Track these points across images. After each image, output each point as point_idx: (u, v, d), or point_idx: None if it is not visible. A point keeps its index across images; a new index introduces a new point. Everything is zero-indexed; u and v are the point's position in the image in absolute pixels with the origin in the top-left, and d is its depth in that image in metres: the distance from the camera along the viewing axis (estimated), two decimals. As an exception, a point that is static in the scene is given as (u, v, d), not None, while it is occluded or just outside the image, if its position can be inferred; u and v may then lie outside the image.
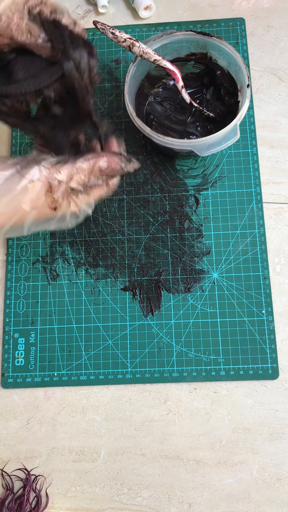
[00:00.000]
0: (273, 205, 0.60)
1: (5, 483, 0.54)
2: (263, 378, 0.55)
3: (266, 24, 0.66)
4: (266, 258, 0.57)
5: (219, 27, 0.65)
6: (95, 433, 0.55)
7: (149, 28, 0.66)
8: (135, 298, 0.58)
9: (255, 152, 0.61)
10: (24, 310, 0.58)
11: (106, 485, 0.53)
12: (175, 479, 0.53)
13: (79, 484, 0.54)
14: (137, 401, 0.56)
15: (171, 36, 0.57)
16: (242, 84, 0.55)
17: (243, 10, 0.67)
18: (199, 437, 0.54)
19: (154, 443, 0.54)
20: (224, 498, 0.52)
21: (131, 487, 0.53)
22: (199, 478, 0.53)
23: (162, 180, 0.61)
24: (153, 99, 0.62)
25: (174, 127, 0.61)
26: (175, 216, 0.60)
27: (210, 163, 0.61)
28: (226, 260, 0.58)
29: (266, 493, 0.52)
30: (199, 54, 0.59)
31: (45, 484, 0.54)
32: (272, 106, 0.63)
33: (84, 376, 0.56)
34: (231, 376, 0.55)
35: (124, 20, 0.68)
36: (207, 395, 0.55)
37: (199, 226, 0.59)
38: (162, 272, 0.58)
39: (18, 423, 0.56)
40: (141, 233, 0.59)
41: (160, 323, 0.57)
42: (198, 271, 0.58)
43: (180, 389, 0.56)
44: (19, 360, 0.57)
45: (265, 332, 0.56)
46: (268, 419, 0.54)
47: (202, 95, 0.61)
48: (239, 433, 0.54)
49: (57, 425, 0.55)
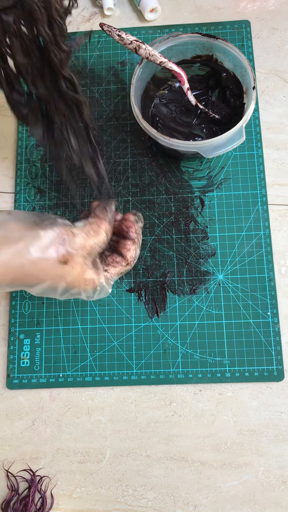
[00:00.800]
0: (279, 207, 0.60)
1: (10, 484, 0.54)
2: (269, 380, 0.55)
3: (272, 26, 0.66)
4: (271, 260, 0.57)
5: (225, 29, 0.65)
6: (100, 434, 0.55)
7: (154, 30, 0.67)
8: (140, 300, 0.58)
9: (260, 154, 0.61)
10: (30, 311, 0.58)
11: (111, 486, 0.53)
12: (180, 480, 0.53)
13: (84, 485, 0.54)
14: (142, 402, 0.56)
15: (177, 38, 0.57)
16: (247, 86, 0.55)
17: (248, 12, 0.67)
18: (204, 439, 0.54)
19: (159, 444, 0.54)
20: (229, 500, 0.52)
21: (136, 488, 0.53)
22: (204, 480, 0.53)
23: (167, 182, 0.61)
24: (158, 101, 0.62)
25: (180, 129, 0.61)
26: (181, 218, 0.60)
27: (215, 165, 0.61)
28: (232, 262, 0.58)
29: (272, 495, 0.52)
30: (205, 56, 0.59)
31: (50, 485, 0.54)
32: (277, 108, 0.63)
33: (89, 377, 0.56)
34: (236, 378, 0.55)
35: (130, 22, 0.68)
36: (212, 396, 0.55)
37: (205, 227, 0.59)
38: (168, 274, 0.58)
39: (24, 424, 0.56)
40: (146, 235, 0.59)
41: (166, 325, 0.57)
42: (204, 273, 0.58)
43: (185, 391, 0.56)
44: (24, 361, 0.57)
45: (270, 334, 0.56)
46: (274, 421, 0.54)
47: (208, 97, 0.62)
48: (244, 435, 0.54)
49: (62, 426, 0.56)
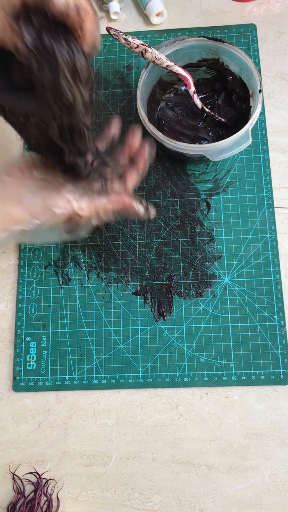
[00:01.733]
0: (285, 210, 0.59)
1: (17, 486, 0.54)
2: (275, 383, 0.54)
3: (277, 30, 0.66)
4: (278, 263, 0.57)
5: (231, 33, 0.66)
6: (106, 437, 0.55)
7: (160, 34, 0.67)
8: (146, 303, 0.58)
9: (266, 157, 0.61)
10: (36, 314, 0.59)
11: (117, 490, 0.53)
12: (186, 484, 0.53)
13: (90, 488, 0.54)
14: (148, 405, 0.56)
15: (183, 42, 0.57)
16: (254, 90, 0.55)
17: (254, 16, 0.67)
18: (211, 442, 0.54)
19: (165, 447, 0.54)
20: (236, 504, 0.52)
21: (142, 491, 0.53)
22: (210, 484, 0.53)
23: (173, 185, 0.61)
24: (164, 104, 0.62)
25: (186, 132, 0.61)
26: (187, 221, 0.60)
27: (221, 168, 0.61)
28: (238, 265, 0.58)
29: (278, 500, 0.52)
30: (211, 59, 0.59)
31: (56, 488, 0.54)
32: (283, 111, 0.63)
33: (95, 380, 0.56)
34: (242, 381, 0.55)
35: (136, 26, 0.68)
36: (219, 400, 0.55)
37: (211, 230, 0.59)
38: (174, 277, 0.58)
39: (30, 426, 0.56)
40: (152, 238, 0.59)
41: (172, 328, 0.57)
42: (210, 276, 0.58)
43: (191, 394, 0.55)
44: (30, 363, 0.57)
45: (277, 337, 0.55)
46: (280, 424, 0.54)
47: (214, 100, 0.62)
48: (251, 438, 0.54)
49: (68, 429, 0.56)
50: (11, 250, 0.61)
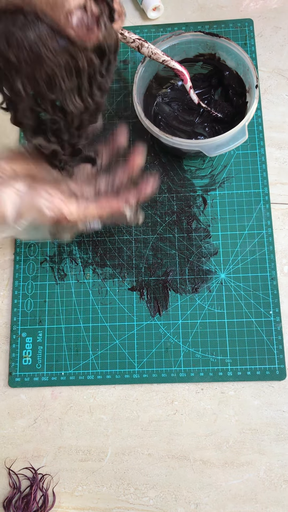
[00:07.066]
0: (281, 205, 0.60)
1: (12, 482, 0.54)
2: (271, 379, 0.55)
3: (274, 25, 0.66)
4: (273, 259, 0.57)
5: (227, 28, 0.65)
6: (102, 432, 0.55)
7: (157, 29, 0.67)
8: (142, 298, 0.58)
9: (263, 153, 0.61)
10: (32, 309, 0.59)
11: (112, 485, 0.54)
12: (182, 479, 0.53)
13: (85, 484, 0.54)
14: (144, 401, 0.56)
15: (179, 37, 0.57)
16: (250, 85, 0.55)
17: (251, 11, 0.67)
18: (206, 438, 0.54)
19: (161, 443, 0.54)
20: (231, 499, 0.52)
21: (138, 486, 0.53)
22: (205, 479, 0.53)
23: (169, 181, 0.61)
24: (161, 99, 0.62)
25: (182, 127, 0.61)
26: (183, 217, 0.60)
27: (218, 163, 0.61)
28: (234, 261, 0.58)
29: (273, 494, 0.52)
30: (208, 55, 0.59)
31: (52, 483, 0.54)
32: (280, 106, 0.63)
33: (91, 376, 0.56)
34: (238, 377, 0.55)
35: (132, 21, 0.68)
36: (214, 395, 0.55)
37: (207, 226, 0.59)
38: (170, 272, 0.58)
39: (25, 422, 0.56)
40: (148, 233, 0.59)
41: (167, 323, 0.57)
42: (206, 272, 0.58)
43: (187, 390, 0.56)
44: (26, 359, 0.57)
45: (272, 333, 0.56)
46: (275, 420, 0.54)
47: (210, 95, 0.62)
48: (246, 433, 0.54)
49: (64, 425, 0.56)
50: (7, 245, 0.61)
